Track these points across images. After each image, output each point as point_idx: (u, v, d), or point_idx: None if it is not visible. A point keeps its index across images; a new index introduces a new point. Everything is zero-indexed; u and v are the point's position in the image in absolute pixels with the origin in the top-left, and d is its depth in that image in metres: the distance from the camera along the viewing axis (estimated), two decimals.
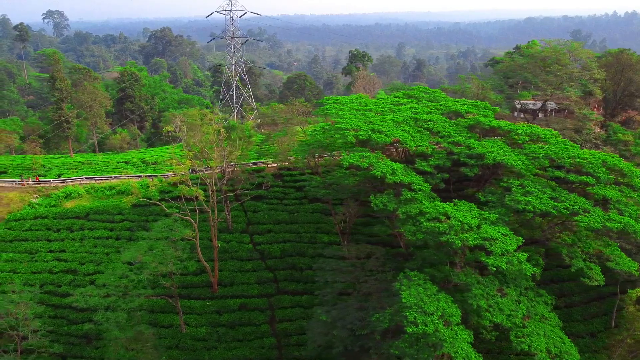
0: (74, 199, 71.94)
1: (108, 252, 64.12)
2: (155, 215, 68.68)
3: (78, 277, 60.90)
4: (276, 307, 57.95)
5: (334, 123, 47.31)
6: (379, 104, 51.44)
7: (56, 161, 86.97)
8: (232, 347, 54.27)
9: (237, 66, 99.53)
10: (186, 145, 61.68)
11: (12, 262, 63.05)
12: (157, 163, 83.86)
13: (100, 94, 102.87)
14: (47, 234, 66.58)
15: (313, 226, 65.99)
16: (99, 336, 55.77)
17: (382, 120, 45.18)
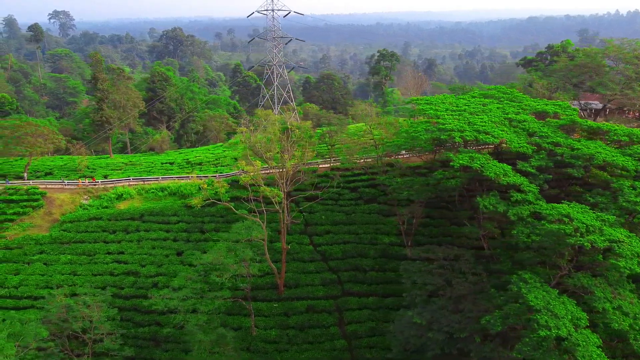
0: (126, 200, 71.49)
1: (167, 253, 63.72)
2: (210, 217, 68.43)
3: (140, 279, 60.47)
4: (343, 309, 57.57)
5: (435, 123, 46.94)
6: (467, 104, 51.11)
7: (98, 162, 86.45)
8: (303, 350, 53.90)
9: (278, 66, 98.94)
10: (250, 146, 61.18)
11: (71, 264, 62.58)
12: (203, 164, 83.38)
13: (133, 95, 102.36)
14: (103, 235, 66.15)
15: (372, 227, 65.62)
16: (167, 339, 55.44)
17: (481, 120, 44.87)
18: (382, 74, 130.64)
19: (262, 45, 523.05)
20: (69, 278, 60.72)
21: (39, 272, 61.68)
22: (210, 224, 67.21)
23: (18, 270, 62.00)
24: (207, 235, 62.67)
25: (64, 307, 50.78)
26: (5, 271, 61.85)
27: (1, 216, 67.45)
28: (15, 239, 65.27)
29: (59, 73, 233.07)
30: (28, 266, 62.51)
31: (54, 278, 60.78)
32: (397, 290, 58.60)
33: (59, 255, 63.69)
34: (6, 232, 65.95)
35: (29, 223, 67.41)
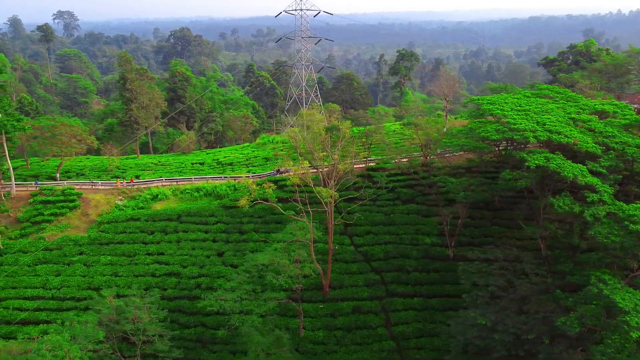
0: (161, 201, 71.22)
1: (208, 254, 63.45)
2: (249, 217, 68.18)
3: (183, 281, 60.17)
4: (389, 310, 57.34)
5: (505, 123, 46.66)
6: (528, 104, 50.89)
7: (127, 162, 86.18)
8: (352, 351, 53.68)
9: (306, 66, 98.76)
10: (296, 146, 60.87)
11: (112, 266, 62.28)
12: (234, 164, 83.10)
13: (156, 95, 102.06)
14: (141, 236, 65.85)
15: (411, 227, 65.41)
16: (214, 340, 55.17)
17: (549, 120, 44.66)
18: (402, 73, 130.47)
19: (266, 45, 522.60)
20: (111, 279, 60.43)
21: (80, 274, 61.39)
22: (249, 224, 66.94)
23: (59, 272, 61.70)
24: (258, 236, 62.31)
25: (114, 308, 50.48)
26: (46, 272, 61.56)
27: (39, 217, 67.08)
28: (54, 240, 64.96)
29: (67, 73, 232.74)
30: (68, 267, 62.21)
31: (95, 279, 60.49)
32: (441, 291, 58.62)
33: (98, 256, 63.38)
34: (45, 233, 65.60)
35: (66, 224, 67.10)
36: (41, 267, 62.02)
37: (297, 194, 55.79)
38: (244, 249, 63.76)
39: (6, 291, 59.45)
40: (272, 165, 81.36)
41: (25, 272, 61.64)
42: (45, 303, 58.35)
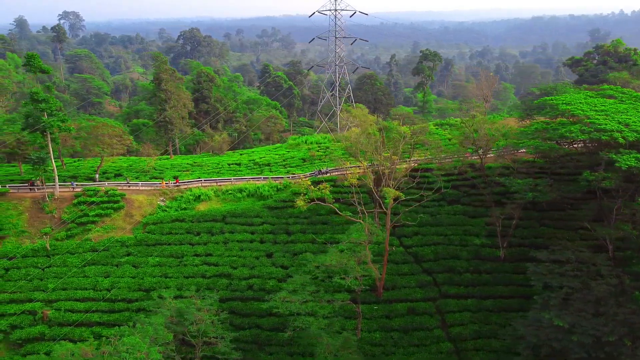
0: (204, 202, 70.90)
1: (257, 255, 63.19)
2: (294, 218, 67.95)
3: (234, 282, 59.88)
4: (444, 311, 57.09)
5: (589, 124, 46.48)
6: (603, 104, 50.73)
7: (163, 163, 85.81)
8: (410, 353, 53.44)
9: (340, 66, 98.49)
10: (350, 146, 60.60)
11: (160, 267, 61.97)
12: (271, 165, 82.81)
13: (184, 95, 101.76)
14: (188, 237, 65.55)
15: (459, 228, 65.23)
16: (269, 342, 54.90)
17: (630, 120, 44.49)
18: (426, 74, 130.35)
19: (270, 46, 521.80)
20: (161, 281, 60.12)
21: (129, 275, 61.07)
22: (295, 225, 66.70)
23: (108, 273, 61.38)
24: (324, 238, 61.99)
25: (174, 310, 50.18)
26: (95, 274, 61.25)
27: (84, 218, 66.74)
28: (100, 241, 64.63)
29: (78, 73, 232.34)
30: (117, 269, 61.89)
31: (145, 281, 60.19)
32: (494, 292, 58.42)
33: (146, 257, 63.06)
34: (90, 234, 65.30)
35: (110, 225, 66.78)
36: (90, 269, 61.69)
37: (354, 195, 55.49)
38: (293, 250, 63.57)
39: (57, 293, 59.14)
40: (310, 165, 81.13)
41: (74, 273, 61.29)
42: (96, 304, 58.07)
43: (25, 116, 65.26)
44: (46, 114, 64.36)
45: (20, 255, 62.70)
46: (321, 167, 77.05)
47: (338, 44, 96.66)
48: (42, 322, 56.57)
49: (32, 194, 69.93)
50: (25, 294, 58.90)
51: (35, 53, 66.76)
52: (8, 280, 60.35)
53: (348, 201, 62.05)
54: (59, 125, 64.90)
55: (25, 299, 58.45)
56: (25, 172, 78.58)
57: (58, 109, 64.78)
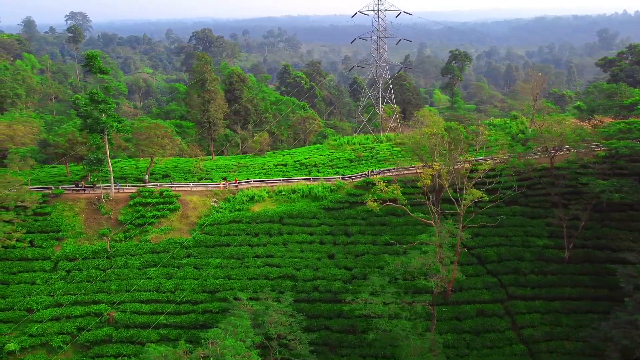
0: (258, 203, 70.50)
1: (319, 257, 62.86)
2: (352, 219, 67.60)
3: (299, 283, 59.52)
4: (513, 312, 56.79)
5: None
6: None
7: (208, 164, 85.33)
8: (483, 355, 53.21)
9: (382, 66, 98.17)
10: (415, 147, 60.28)
11: (222, 268, 61.57)
12: (318, 165, 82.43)
13: (218, 96, 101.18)
14: (247, 238, 65.17)
15: (520, 229, 64.93)
16: (340, 344, 54.52)
17: None
18: (456, 74, 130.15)
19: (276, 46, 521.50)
20: (225, 282, 59.72)
21: (192, 277, 60.68)
22: (354, 226, 66.37)
23: (170, 275, 60.98)
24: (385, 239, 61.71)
25: (252, 311, 49.84)
26: (157, 275, 60.83)
27: (141, 219, 66.28)
28: (159, 242, 64.23)
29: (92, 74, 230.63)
30: (179, 270, 61.51)
31: (208, 282, 59.79)
32: (562, 293, 58.12)
33: (207, 259, 62.67)
34: (148, 236, 64.86)
35: (168, 226, 66.38)
36: (151, 270, 61.28)
37: (427, 195, 55.12)
38: (354, 252, 63.25)
39: (120, 294, 58.73)
40: (357, 166, 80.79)
41: (136, 275, 60.89)
42: (161, 306, 57.66)
43: (83, 117, 64.77)
44: (104, 114, 63.89)
45: (80, 256, 62.27)
46: (373, 168, 76.64)
47: (381, 44, 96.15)
48: (108, 324, 56.15)
49: (86, 195, 69.50)
50: (89, 296, 58.51)
51: (96, 53, 66.34)
52: (70, 282, 59.91)
53: (413, 202, 61.68)
54: (117, 125, 64.44)
55: (90, 300, 58.07)
56: (72, 173, 78.20)
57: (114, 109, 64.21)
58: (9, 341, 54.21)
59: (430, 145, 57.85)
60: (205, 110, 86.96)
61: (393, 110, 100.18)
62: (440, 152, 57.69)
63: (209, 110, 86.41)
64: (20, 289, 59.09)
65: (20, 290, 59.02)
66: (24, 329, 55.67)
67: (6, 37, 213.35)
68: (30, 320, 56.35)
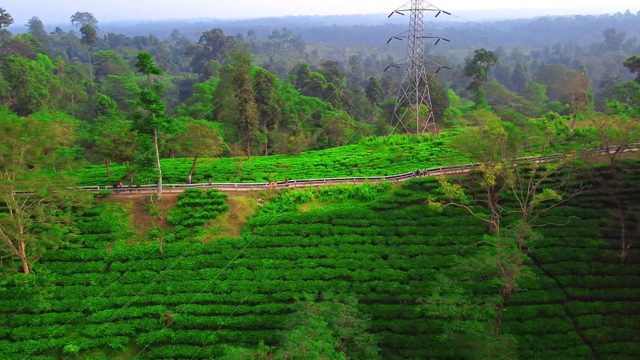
0: (305, 203, 70.11)
1: (372, 257, 62.48)
2: (402, 219, 67.16)
3: (355, 284, 59.06)
4: (573, 313, 56.38)
5: None
6: None
7: (247, 164, 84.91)
8: (547, 356, 52.74)
9: (418, 66, 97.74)
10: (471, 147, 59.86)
11: (276, 269, 61.14)
12: (358, 165, 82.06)
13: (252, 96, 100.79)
14: (298, 239, 64.73)
15: (573, 230, 64.57)
16: (403, 345, 54.10)
17: None
18: (482, 74, 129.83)
19: (284, 46, 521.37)
20: (280, 283, 59.31)
21: (246, 277, 60.26)
22: (405, 227, 65.97)
23: (224, 275, 60.56)
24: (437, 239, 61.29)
25: (319, 312, 49.34)
26: (212, 276, 60.38)
27: (190, 220, 65.85)
28: (210, 242, 63.81)
29: (104, 75, 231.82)
30: (233, 271, 61.06)
31: (264, 283, 59.35)
32: (621, 294, 57.73)
33: (260, 259, 62.24)
34: (199, 236, 64.44)
35: (217, 227, 65.97)
36: (205, 271, 60.85)
37: (490, 194, 54.72)
38: (408, 252, 62.85)
39: (176, 295, 58.31)
40: (399, 166, 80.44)
41: (190, 275, 60.49)
42: (218, 307, 57.26)
43: (134, 117, 64.31)
44: (154, 114, 63.46)
45: (132, 257, 61.85)
46: (417, 168, 76.26)
47: (418, 43, 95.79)
48: (166, 326, 55.71)
49: (134, 195, 69.08)
50: (145, 297, 58.08)
51: (148, 53, 65.88)
52: (125, 283, 59.50)
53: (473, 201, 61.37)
54: (167, 126, 64.04)
55: (146, 301, 57.64)
56: (112, 172, 77.78)
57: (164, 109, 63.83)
58: (68, 342, 53.83)
59: (489, 144, 57.43)
60: (242, 110, 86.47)
61: (428, 110, 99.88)
62: (499, 152, 57.23)
63: (246, 110, 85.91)
64: (75, 290, 58.69)
65: (75, 291, 58.63)
66: (81, 330, 55.35)
67: (20, 37, 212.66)
68: (87, 321, 55.98)
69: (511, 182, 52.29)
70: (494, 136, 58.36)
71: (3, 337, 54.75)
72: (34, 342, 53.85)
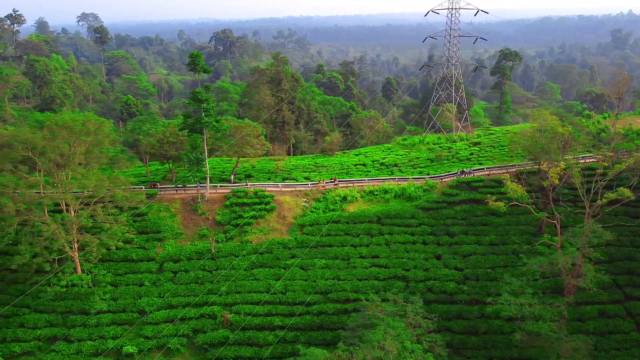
0: (351, 203, 69.68)
1: (425, 257, 62.04)
2: (452, 219, 66.69)
3: (411, 284, 58.64)
4: (634, 313, 56.03)
5: None
6: None
7: (284, 164, 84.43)
8: (612, 356, 52.54)
9: (455, 65, 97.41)
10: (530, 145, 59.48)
11: (330, 269, 60.72)
12: (398, 165, 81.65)
13: None
14: (348, 239, 64.30)
15: (626, 229, 64.03)
16: (465, 345, 53.65)
17: None
18: (507, 74, 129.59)
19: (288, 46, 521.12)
20: (335, 283, 58.89)
21: (300, 278, 59.82)
22: (455, 226, 65.55)
23: (278, 276, 60.09)
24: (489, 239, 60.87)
25: (386, 313, 48.95)
26: (265, 276, 59.95)
27: (239, 220, 65.41)
28: (261, 242, 63.35)
29: (116, 75, 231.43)
30: (285, 271, 60.57)
31: (319, 283, 58.92)
32: None
33: (312, 259, 61.79)
34: (249, 236, 63.98)
35: (266, 227, 65.49)
36: (258, 271, 60.40)
37: (549, 194, 54.29)
38: (461, 252, 62.42)
39: (232, 296, 57.87)
40: (440, 166, 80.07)
41: (243, 276, 60.03)
42: (274, 308, 56.80)
43: (184, 116, 63.82)
44: (204, 113, 62.99)
45: (184, 258, 61.40)
46: (461, 167, 75.81)
47: (455, 42, 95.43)
48: (223, 326, 55.26)
49: (180, 195, 68.64)
50: (200, 298, 57.57)
51: (199, 52, 65.35)
52: (179, 284, 59.01)
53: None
54: (217, 125, 63.59)
55: (201, 302, 57.10)
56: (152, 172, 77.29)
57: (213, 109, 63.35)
58: (126, 344, 53.36)
59: (548, 143, 57.02)
60: (279, 110, 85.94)
61: (463, 110, 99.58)
62: (557, 151, 56.86)
63: (283, 110, 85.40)
64: (129, 291, 58.21)
65: (129, 291, 58.15)
66: (138, 331, 54.89)
67: (33, 37, 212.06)
68: (144, 322, 55.50)
69: (577, 181, 51.81)
70: (552, 135, 57.93)
71: (61, 338, 54.24)
72: (92, 344, 53.41)
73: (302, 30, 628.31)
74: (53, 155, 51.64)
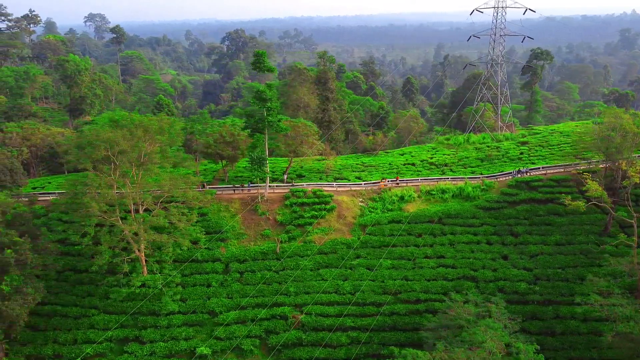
0: (409, 203, 69.14)
1: (493, 257, 61.52)
2: (514, 219, 66.18)
3: (481, 284, 58.14)
4: None
5: None
6: None
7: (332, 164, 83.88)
8: None
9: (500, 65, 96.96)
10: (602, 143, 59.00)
11: (396, 270, 60.21)
12: (448, 165, 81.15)
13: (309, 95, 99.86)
14: (411, 239, 63.77)
15: None
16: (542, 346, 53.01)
17: None
18: (538, 73, 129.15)
19: (295, 46, 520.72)
20: (404, 284, 58.40)
21: (368, 278, 59.28)
22: (519, 226, 65.02)
23: (345, 276, 59.60)
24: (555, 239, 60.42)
25: (470, 313, 48.44)
26: (332, 276, 59.43)
27: (300, 220, 64.88)
28: (324, 242, 62.82)
29: (131, 75, 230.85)
30: (352, 271, 60.06)
31: (387, 284, 58.44)
32: None
33: (377, 259, 61.24)
34: (311, 236, 63.42)
35: (327, 226, 64.96)
36: (324, 271, 59.89)
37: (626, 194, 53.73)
38: (529, 252, 61.89)
39: (301, 296, 57.36)
40: (490, 165, 79.55)
41: (310, 276, 59.52)
42: (345, 308, 56.25)
43: (247, 115, 63.25)
44: (266, 113, 62.44)
45: (249, 258, 60.87)
46: (518, 167, 75.08)
47: (500, 41, 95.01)
48: (295, 327, 54.72)
49: (239, 195, 68.10)
50: (269, 298, 57.04)
51: (264, 51, 64.77)
52: (246, 284, 58.47)
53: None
54: (281, 125, 63.04)
55: (271, 303, 56.53)
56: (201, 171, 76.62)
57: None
58: (199, 345, 52.82)
59: (621, 142, 56.55)
60: (325, 110, 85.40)
61: (508, 110, 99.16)
62: (629, 149, 56.40)
63: (329, 110, 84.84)
64: (197, 292, 57.67)
65: (198, 292, 57.61)
66: (209, 332, 54.36)
67: (50, 37, 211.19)
68: (215, 323, 54.95)
69: None
70: (624, 133, 57.48)
71: (132, 339, 53.72)
72: (164, 345, 52.88)
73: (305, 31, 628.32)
74: (134, 154, 51.04)
